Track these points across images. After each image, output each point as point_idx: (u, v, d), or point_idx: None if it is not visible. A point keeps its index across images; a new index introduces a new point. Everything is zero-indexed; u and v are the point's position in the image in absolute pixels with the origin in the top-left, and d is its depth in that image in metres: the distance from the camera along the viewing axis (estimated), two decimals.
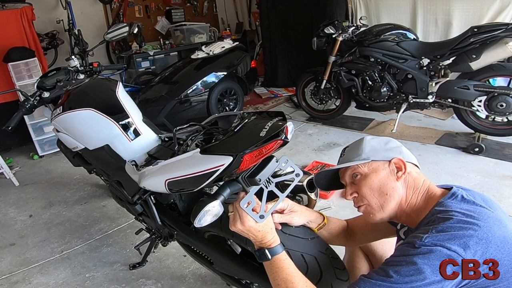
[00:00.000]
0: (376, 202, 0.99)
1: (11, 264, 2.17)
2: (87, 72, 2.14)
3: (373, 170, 1.00)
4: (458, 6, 3.63)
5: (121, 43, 4.96)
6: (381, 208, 0.99)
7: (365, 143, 1.05)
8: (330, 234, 1.22)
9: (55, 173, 3.38)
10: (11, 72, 3.42)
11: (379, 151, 1.03)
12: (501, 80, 3.10)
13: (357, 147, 1.06)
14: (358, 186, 1.01)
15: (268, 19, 5.23)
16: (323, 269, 1.07)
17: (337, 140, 3.49)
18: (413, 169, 1.01)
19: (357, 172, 1.02)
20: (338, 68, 3.51)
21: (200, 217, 0.99)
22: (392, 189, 0.97)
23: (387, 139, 1.07)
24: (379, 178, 0.98)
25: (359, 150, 1.04)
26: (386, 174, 0.99)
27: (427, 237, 0.81)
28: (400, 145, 1.06)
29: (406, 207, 0.98)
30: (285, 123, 1.05)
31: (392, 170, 0.99)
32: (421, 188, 0.98)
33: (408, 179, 0.98)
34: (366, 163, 1.01)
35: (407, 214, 0.98)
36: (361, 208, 1.03)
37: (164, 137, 1.64)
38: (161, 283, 1.91)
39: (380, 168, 1.00)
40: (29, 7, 3.65)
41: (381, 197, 0.98)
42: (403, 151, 1.04)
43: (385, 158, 1.01)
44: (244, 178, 1.02)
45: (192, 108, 3.87)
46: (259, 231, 0.97)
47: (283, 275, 0.94)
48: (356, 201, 1.04)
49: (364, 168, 1.01)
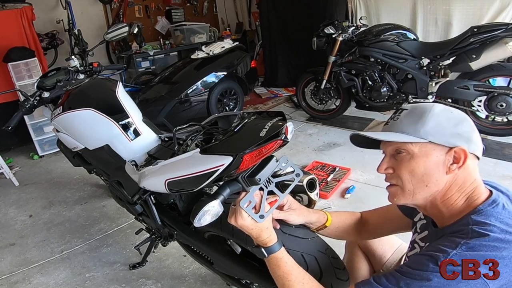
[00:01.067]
0: (410, 188, 0.84)
1: (11, 264, 2.17)
2: (87, 72, 2.14)
3: (424, 154, 0.81)
4: (458, 6, 3.63)
5: (121, 43, 4.96)
6: (411, 195, 0.85)
7: (430, 115, 0.82)
8: (338, 230, 1.16)
9: (55, 173, 3.38)
10: (11, 72, 3.42)
11: (444, 132, 0.81)
12: (501, 80, 3.10)
13: (419, 116, 0.83)
14: (398, 164, 0.85)
15: (268, 19, 5.23)
16: (323, 269, 1.07)
17: (337, 140, 3.49)
18: (472, 163, 0.82)
19: (403, 149, 0.83)
20: (338, 68, 3.51)
21: (200, 217, 0.99)
22: (435, 181, 0.81)
23: (460, 117, 0.83)
24: (426, 165, 0.81)
25: (419, 122, 0.82)
26: (437, 163, 0.81)
27: (454, 254, 0.71)
28: (474, 129, 0.84)
29: (440, 203, 0.84)
30: (285, 123, 1.05)
31: (446, 160, 0.81)
32: (468, 188, 0.82)
33: (459, 175, 0.81)
34: (421, 142, 0.81)
35: (439, 210, 0.85)
36: (391, 187, 0.89)
37: (164, 137, 1.64)
38: (161, 283, 1.91)
39: (434, 154, 0.81)
40: (29, 7, 3.65)
41: (419, 186, 0.83)
42: (473, 138, 0.82)
43: (446, 144, 0.80)
44: (244, 178, 1.02)
45: (192, 108, 3.87)
46: (252, 229, 0.97)
47: (279, 273, 0.95)
48: (389, 177, 0.88)
49: (414, 147, 0.82)
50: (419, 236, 0.99)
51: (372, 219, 1.17)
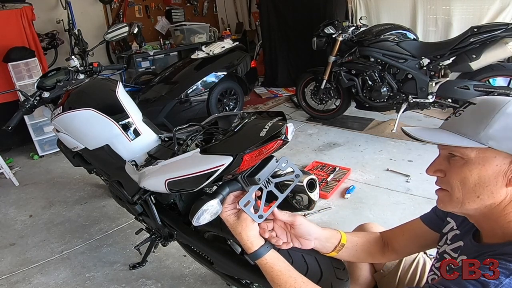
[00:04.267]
0: (459, 196, 0.74)
1: (11, 264, 2.17)
2: (87, 72, 2.15)
3: (481, 161, 0.70)
4: (458, 6, 3.64)
5: (121, 43, 4.96)
6: (459, 205, 0.75)
7: (498, 115, 0.68)
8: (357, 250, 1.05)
9: (55, 173, 3.38)
10: (11, 72, 3.42)
11: (510, 137, 0.67)
12: (501, 80, 3.10)
13: (484, 115, 0.70)
14: (450, 168, 0.75)
15: (268, 19, 5.23)
16: (323, 269, 1.07)
17: (337, 140, 3.49)
18: None
19: (458, 153, 0.72)
20: (338, 68, 3.51)
21: (199, 216, 0.99)
22: (489, 193, 0.70)
23: None
24: (482, 174, 0.70)
25: (483, 122, 0.69)
26: (496, 173, 0.69)
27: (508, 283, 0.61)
28: None
29: (496, 219, 0.73)
30: (285, 123, 1.05)
31: (509, 171, 0.68)
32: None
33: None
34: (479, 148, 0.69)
35: (491, 225, 0.75)
36: (439, 191, 0.79)
37: (164, 137, 1.64)
38: (161, 283, 1.91)
39: (494, 162, 0.69)
40: (29, 7, 3.65)
41: (469, 196, 0.72)
42: None
43: (510, 151, 0.68)
44: (244, 178, 1.02)
45: (192, 108, 3.87)
46: (229, 227, 0.98)
47: (269, 277, 0.94)
48: (440, 181, 0.78)
49: (471, 152, 0.70)
50: (450, 247, 0.90)
51: (397, 237, 1.07)
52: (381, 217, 2.26)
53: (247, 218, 0.97)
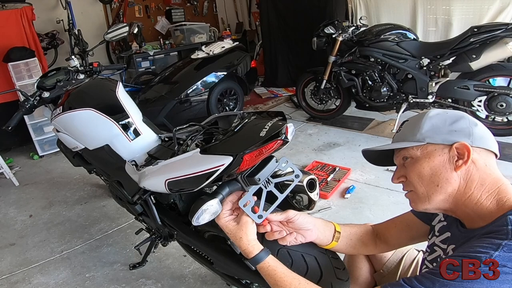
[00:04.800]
0: (423, 191, 0.85)
1: (11, 264, 2.17)
2: (87, 72, 2.15)
3: (426, 155, 0.84)
4: (458, 6, 3.64)
5: (121, 43, 4.96)
6: (427, 199, 0.85)
7: (424, 120, 0.87)
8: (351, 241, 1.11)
9: (55, 173, 3.38)
10: (11, 72, 3.42)
11: (440, 131, 0.84)
12: (501, 80, 3.09)
13: (415, 123, 0.88)
14: (407, 170, 0.88)
15: (268, 19, 5.23)
16: (323, 269, 1.07)
17: (337, 140, 3.49)
18: (483, 158, 0.82)
19: (407, 155, 0.87)
20: (338, 68, 3.51)
21: (198, 215, 0.99)
22: (445, 180, 0.81)
23: (456, 116, 0.85)
24: (431, 165, 0.83)
25: (416, 127, 0.87)
26: (441, 161, 0.82)
27: (498, 255, 0.68)
28: (474, 124, 0.85)
29: (463, 203, 0.82)
30: (285, 123, 1.05)
31: (451, 157, 0.81)
32: (489, 185, 0.80)
33: (471, 170, 0.81)
34: (420, 145, 0.85)
35: (464, 210, 0.83)
36: (408, 194, 0.91)
37: (164, 137, 1.64)
38: (161, 283, 1.91)
39: (436, 154, 0.83)
40: (29, 7, 3.65)
41: (430, 187, 0.83)
42: (474, 132, 0.83)
43: (445, 142, 0.82)
44: (244, 178, 1.02)
45: (192, 108, 3.87)
46: (228, 233, 0.98)
47: (272, 281, 0.94)
48: (404, 185, 0.91)
49: (416, 151, 0.85)
50: (439, 239, 0.96)
51: (390, 229, 1.13)
52: (381, 217, 2.24)
53: (247, 221, 0.97)
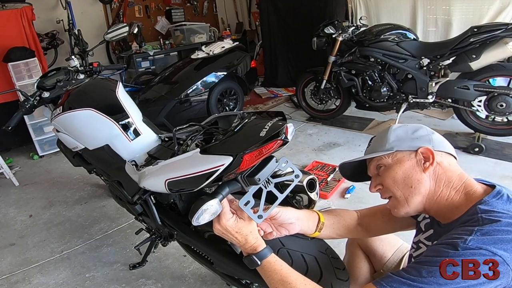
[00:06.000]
0: (400, 195, 0.94)
1: (11, 264, 2.17)
2: (87, 72, 2.15)
3: (397, 161, 0.94)
4: (458, 6, 3.64)
5: (121, 43, 4.96)
6: (405, 202, 0.93)
7: (390, 133, 0.99)
8: (335, 226, 1.16)
9: (55, 173, 3.38)
10: (11, 72, 3.43)
11: (404, 140, 0.95)
12: (501, 80, 3.09)
13: (382, 137, 1.00)
14: (382, 178, 0.96)
15: (268, 19, 5.23)
16: (323, 269, 1.07)
17: (337, 140, 3.49)
18: (446, 160, 0.92)
19: (381, 164, 0.97)
20: (338, 68, 3.51)
21: (198, 216, 0.98)
22: (417, 181, 0.91)
23: (416, 127, 0.98)
24: (403, 170, 0.92)
25: (383, 140, 0.98)
26: (411, 165, 0.92)
27: (472, 239, 0.75)
28: (431, 132, 0.97)
29: (436, 201, 0.91)
30: (285, 123, 1.05)
31: (418, 161, 0.92)
32: (455, 182, 0.90)
33: (437, 171, 0.91)
34: (391, 153, 0.95)
35: (437, 208, 0.92)
36: (389, 202, 0.99)
37: (164, 137, 1.64)
38: (161, 283, 1.91)
39: (405, 159, 0.93)
40: (29, 7, 3.65)
41: (406, 190, 0.92)
42: (433, 139, 0.95)
43: (410, 148, 0.93)
44: (244, 178, 1.02)
45: (192, 108, 3.87)
46: (237, 232, 0.97)
47: (277, 277, 0.93)
48: (382, 193, 0.99)
49: (388, 159, 0.95)
50: (423, 236, 1.01)
51: (375, 219, 1.17)
52: None
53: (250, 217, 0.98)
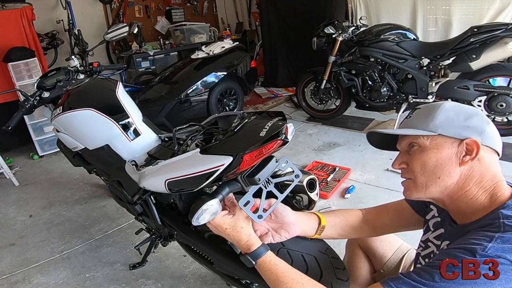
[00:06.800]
0: (422, 181, 0.85)
1: (11, 264, 2.17)
2: (87, 72, 2.15)
3: (435, 146, 0.83)
4: (458, 6, 3.64)
5: (121, 43, 4.96)
6: (423, 189, 0.85)
7: (439, 111, 0.85)
8: (337, 227, 1.11)
9: (55, 173, 3.38)
10: (11, 72, 3.43)
11: (453, 125, 0.82)
12: (501, 80, 3.10)
13: (429, 112, 0.86)
14: (411, 158, 0.87)
15: (268, 19, 5.23)
16: (323, 269, 1.07)
17: (337, 140, 3.49)
18: (488, 156, 0.82)
19: (415, 143, 0.85)
20: (338, 68, 3.51)
21: (198, 216, 0.98)
22: (448, 173, 0.82)
23: (471, 112, 0.84)
24: (438, 157, 0.82)
25: (429, 117, 0.85)
26: (448, 155, 0.81)
27: (492, 247, 0.70)
28: (487, 122, 0.84)
29: (458, 198, 0.83)
30: (285, 123, 1.05)
31: (459, 152, 0.81)
32: (487, 182, 0.81)
33: (474, 167, 0.81)
34: (431, 136, 0.83)
35: (457, 206, 0.85)
36: (405, 182, 0.91)
37: (164, 137, 1.64)
38: (161, 283, 1.91)
39: (445, 146, 0.82)
40: (29, 7, 3.65)
41: (431, 179, 0.84)
42: (486, 131, 0.82)
43: (456, 136, 0.82)
44: (244, 178, 1.02)
45: (192, 108, 3.87)
46: (226, 228, 0.97)
47: (273, 277, 0.91)
48: (403, 172, 0.90)
49: (425, 140, 0.84)
50: (433, 235, 0.97)
51: (381, 216, 1.13)
52: None
53: (242, 212, 0.98)
